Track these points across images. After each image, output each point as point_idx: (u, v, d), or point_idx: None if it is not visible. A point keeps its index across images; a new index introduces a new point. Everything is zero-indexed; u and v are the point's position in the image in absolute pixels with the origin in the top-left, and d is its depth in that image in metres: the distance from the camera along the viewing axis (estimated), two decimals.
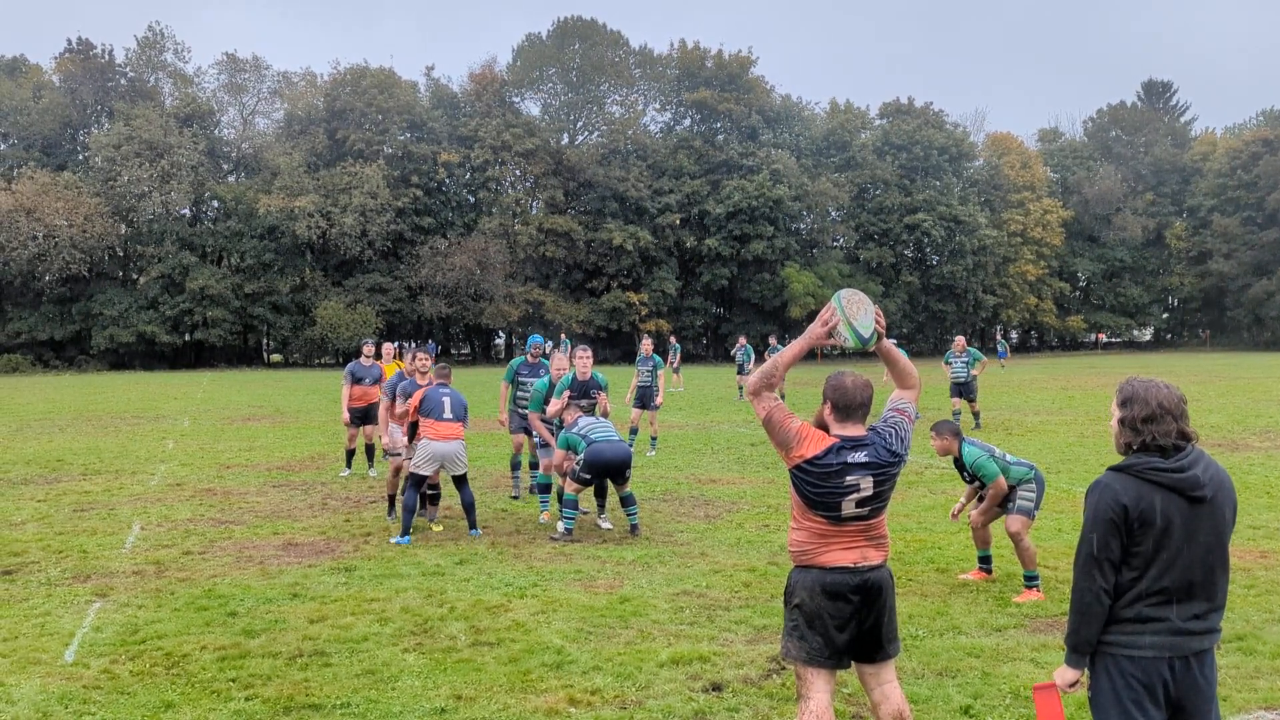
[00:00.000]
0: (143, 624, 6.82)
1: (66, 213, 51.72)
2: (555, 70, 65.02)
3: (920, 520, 10.33)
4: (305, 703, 5.40)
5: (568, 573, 8.23)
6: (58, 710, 5.30)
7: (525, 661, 6.05)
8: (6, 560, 8.78)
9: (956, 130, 70.60)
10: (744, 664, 6.00)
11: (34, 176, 52.50)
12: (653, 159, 63.91)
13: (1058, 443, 16.92)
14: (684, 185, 62.76)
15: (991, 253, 67.61)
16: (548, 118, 65.60)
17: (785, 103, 69.06)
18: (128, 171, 53.61)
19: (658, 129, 68.89)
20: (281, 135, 60.54)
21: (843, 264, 66.01)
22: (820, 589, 4.08)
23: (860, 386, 4.21)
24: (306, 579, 8.04)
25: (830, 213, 67.50)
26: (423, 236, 60.06)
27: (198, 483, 13.33)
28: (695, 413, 23.73)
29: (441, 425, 9.65)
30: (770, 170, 62.02)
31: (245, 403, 28.45)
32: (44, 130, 56.50)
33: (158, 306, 55.31)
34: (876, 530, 4.24)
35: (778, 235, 62.83)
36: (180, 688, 5.63)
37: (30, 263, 51.87)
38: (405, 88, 61.97)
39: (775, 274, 63.14)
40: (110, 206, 54.01)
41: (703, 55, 66.38)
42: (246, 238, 56.93)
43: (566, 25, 65.25)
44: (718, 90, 64.89)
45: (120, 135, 54.33)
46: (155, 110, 56.06)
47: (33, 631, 6.68)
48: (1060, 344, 77.95)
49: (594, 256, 62.33)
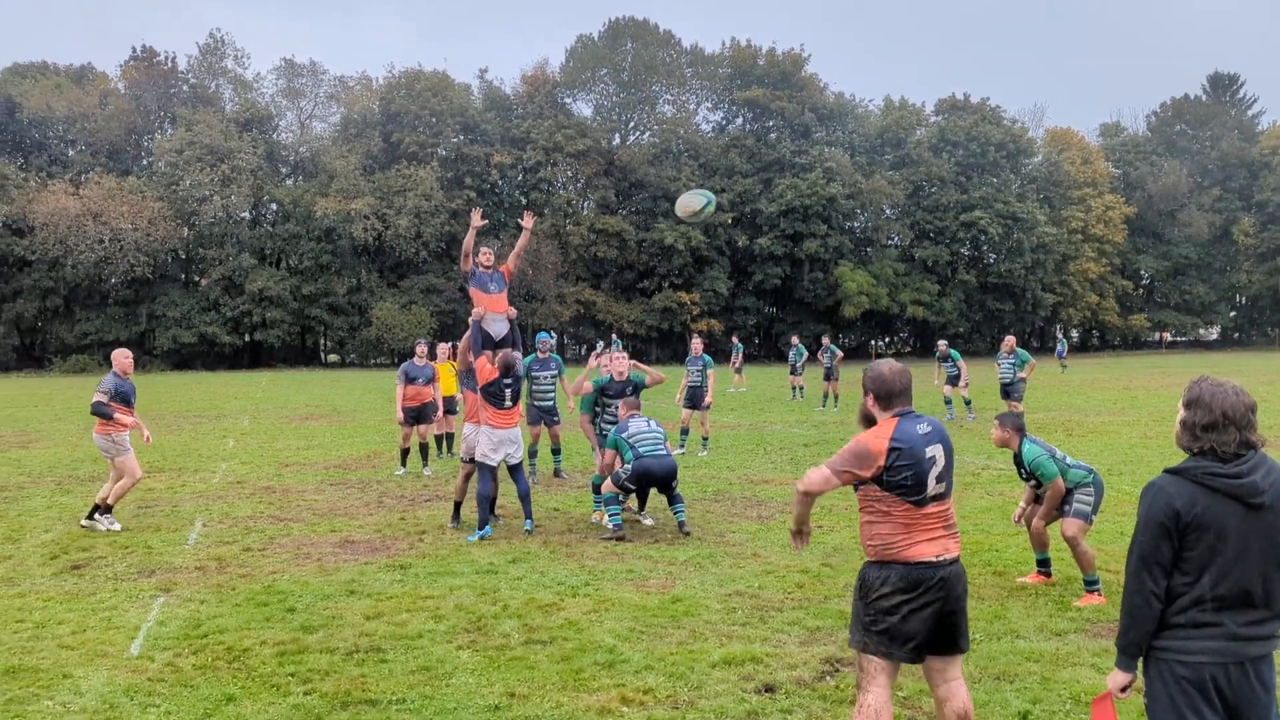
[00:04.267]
0: (205, 619, 6.97)
1: (131, 217, 53.05)
2: (607, 71, 65.19)
3: (977, 522, 10.17)
4: (362, 698, 5.47)
5: (620, 572, 8.24)
6: (124, 702, 5.43)
7: (578, 660, 6.06)
8: (75, 555, 9.03)
9: (1014, 126, 69.41)
10: (797, 665, 5.96)
11: (100, 181, 53.95)
12: (704, 158, 63.78)
13: (1120, 444, 16.55)
14: (736, 184, 62.53)
15: (1051, 250, 66.39)
16: (599, 118, 65.79)
17: (838, 100, 68.50)
18: (190, 176, 54.86)
19: (709, 128, 68.74)
20: (338, 139, 61.50)
21: (897, 262, 65.29)
22: (904, 584, 4.09)
23: (898, 373, 4.30)
24: (363, 576, 8.15)
25: (885, 211, 66.79)
26: (477, 237, 60.47)
27: (257, 480, 13.58)
28: (748, 413, 23.62)
29: (504, 413, 9.82)
30: (823, 168, 61.57)
31: (303, 402, 28.92)
32: (110, 136, 58.01)
33: (219, 308, 56.53)
34: (951, 517, 4.25)
35: (831, 234, 62.35)
36: (241, 681, 5.74)
37: (97, 265, 53.31)
38: (459, 90, 62.59)
39: (829, 273, 62.67)
40: (173, 210, 55.29)
41: (755, 53, 66.11)
42: (304, 240, 57.92)
43: (618, 26, 65.39)
44: (770, 88, 64.57)
45: (182, 140, 55.60)
46: (216, 115, 57.29)
47: (100, 625, 6.86)
48: (1123, 343, 76.29)
49: (645, 256, 62.38)
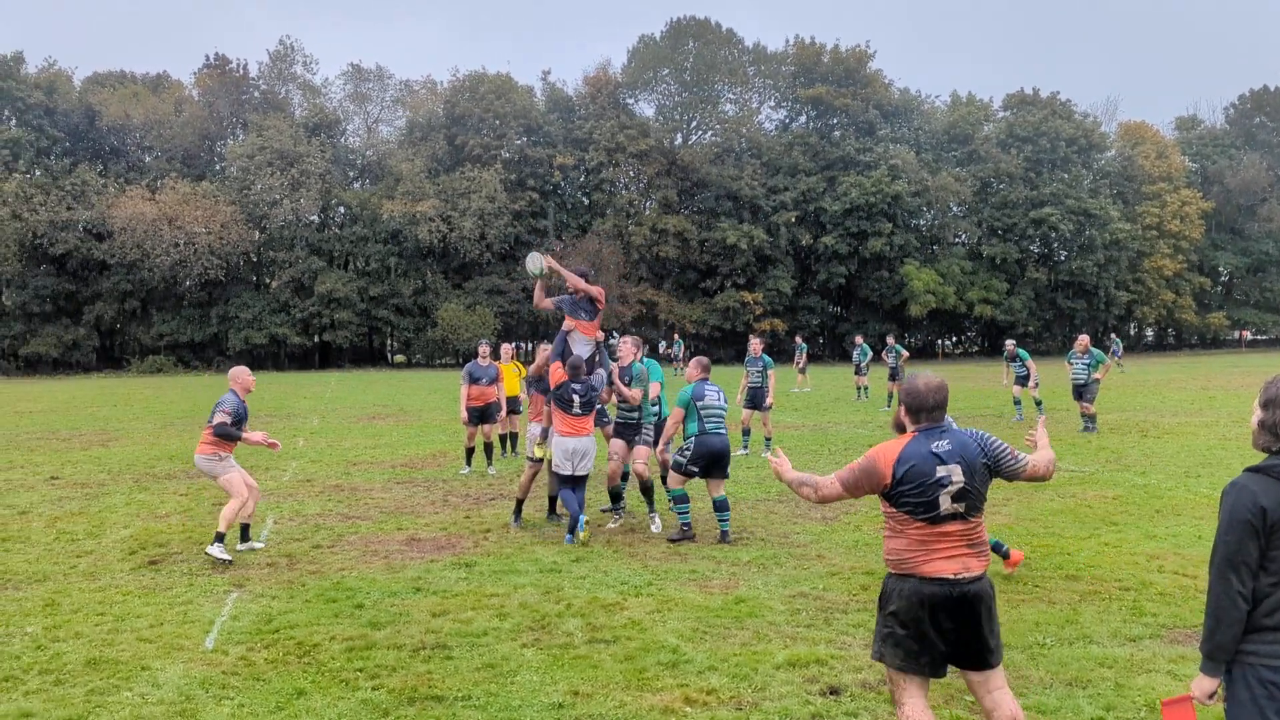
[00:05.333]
0: (276, 614, 7.11)
1: (205, 221, 54.47)
2: (669, 71, 65.18)
3: (1047, 525, 9.95)
4: (428, 694, 5.54)
5: (683, 572, 8.22)
6: (199, 694, 5.56)
7: (641, 660, 6.06)
8: (152, 550, 9.28)
9: (1086, 120, 67.79)
10: (862, 668, 5.88)
11: (176, 187, 55.49)
12: (767, 157, 63.43)
13: (1197, 445, 16.07)
14: (799, 183, 62.07)
15: (1124, 247, 64.74)
16: (661, 118, 65.81)
17: (904, 97, 67.62)
18: (260, 180, 56.15)
19: (772, 126, 68.34)
20: (403, 142, 62.45)
21: (964, 260, 64.23)
22: (917, 599, 4.06)
23: (934, 389, 4.25)
24: (429, 574, 8.25)
25: (951, 208, 65.73)
26: (538, 238, 61.05)
27: (326, 479, 13.83)
28: (812, 413, 23.43)
29: (573, 420, 9.55)
30: (888, 166, 60.84)
31: (370, 402, 29.40)
32: (184, 142, 59.62)
33: (288, 309, 57.78)
34: (977, 535, 4.16)
35: (896, 232, 61.57)
36: (311, 676, 5.84)
37: (172, 269, 54.83)
38: (522, 92, 63.11)
39: (894, 271, 61.90)
40: (245, 214, 56.64)
41: (819, 51, 65.58)
42: (371, 242, 58.91)
43: (680, 25, 65.35)
44: (834, 86, 64.00)
45: (254, 145, 56.93)
46: (286, 121, 58.56)
47: (176, 619, 7.04)
48: (1200, 342, 74.08)
49: (708, 256, 62.23)
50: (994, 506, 10.91)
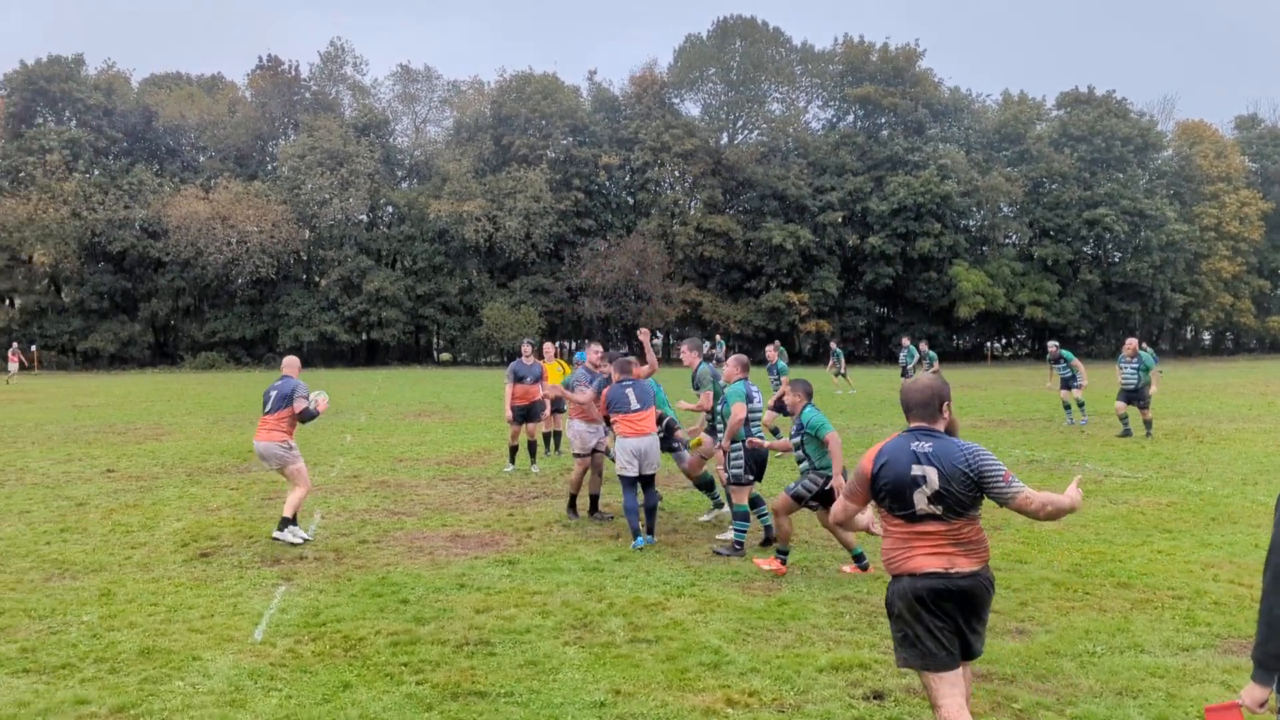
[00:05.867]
0: (323, 607, 7.21)
1: (257, 220, 55.39)
2: (715, 70, 65.05)
3: (1099, 531, 9.78)
4: (471, 689, 5.58)
5: (725, 573, 8.20)
6: (248, 685, 5.66)
7: (683, 660, 6.06)
8: (204, 543, 9.45)
9: (1142, 119, 66.47)
10: (907, 673, 5.82)
11: (229, 186, 56.48)
12: (814, 156, 63.06)
13: (1255, 452, 15.69)
14: (846, 182, 61.64)
15: (1181, 249, 63.42)
16: (707, 118, 65.68)
17: (954, 95, 66.84)
18: (311, 180, 56.96)
19: (819, 126, 67.93)
20: (451, 142, 62.99)
21: (1015, 261, 63.34)
22: (913, 595, 4.15)
23: (916, 389, 4.38)
24: (473, 570, 8.31)
25: (1002, 208, 64.86)
26: (583, 238, 61.27)
27: (373, 475, 13.99)
28: (858, 415, 23.24)
29: (633, 417, 9.36)
30: (938, 165, 60.20)
31: (416, 399, 29.69)
32: (238, 142, 60.66)
33: (337, 307, 58.56)
34: (963, 536, 4.19)
35: (945, 232, 60.89)
36: (357, 669, 5.92)
37: (225, 267, 55.82)
38: (568, 92, 63.35)
39: (943, 272, 61.24)
40: (295, 213, 57.48)
41: (867, 50, 65.07)
42: (418, 241, 59.52)
43: (727, 25, 65.19)
44: (883, 85, 63.46)
45: (304, 145, 57.77)
46: (336, 121, 59.35)
47: (226, 610, 7.16)
48: (1259, 346, 72.34)
49: (753, 256, 62.02)
50: None
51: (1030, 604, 7.25)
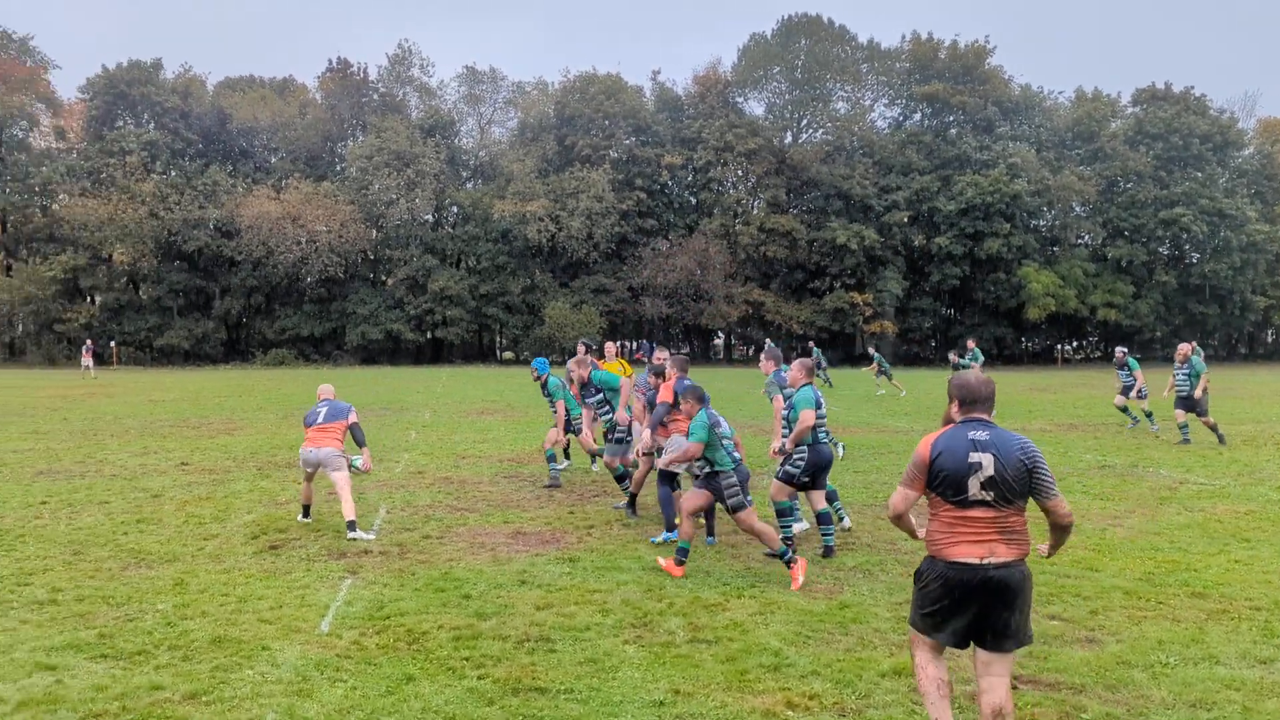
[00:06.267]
0: (387, 601, 7.31)
1: (326, 219, 56.52)
2: (780, 69, 64.68)
3: (1173, 539, 9.50)
4: (531, 685, 5.62)
5: (786, 576, 8.13)
6: (315, 675, 5.76)
7: (743, 661, 6.03)
8: (274, 536, 9.66)
9: (1222, 116, 64.51)
10: (971, 680, 5.71)
11: (299, 186, 57.71)
12: (879, 155, 62.36)
13: None
14: (912, 182, 60.85)
15: (1263, 250, 61.45)
16: (771, 117, 65.32)
17: (1025, 93, 65.57)
18: (378, 180, 57.92)
19: (885, 124, 67.19)
20: (515, 143, 63.55)
21: (1087, 262, 61.94)
22: (942, 581, 4.41)
23: (983, 382, 4.66)
24: (533, 567, 8.37)
25: (1074, 208, 63.47)
26: (645, 238, 61.36)
27: (437, 471, 14.16)
28: (920, 418, 22.92)
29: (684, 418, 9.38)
30: (1007, 164, 59.13)
31: (479, 397, 30.00)
32: (308, 144, 61.93)
33: (403, 306, 59.46)
34: (1009, 525, 4.40)
35: (1015, 232, 59.78)
36: (420, 663, 5.99)
37: (295, 266, 57.04)
38: (631, 92, 63.49)
39: (1011, 273, 60.14)
40: (363, 213, 58.52)
41: (935, 47, 64.18)
42: (482, 241, 60.15)
43: (791, 23, 64.77)
44: (951, 83, 62.55)
45: (372, 147, 58.76)
46: (403, 122, 60.28)
47: (294, 602, 7.31)
48: None
49: (816, 256, 61.54)
50: (1115, 519, 10.49)
51: (1101, 612, 7.08)
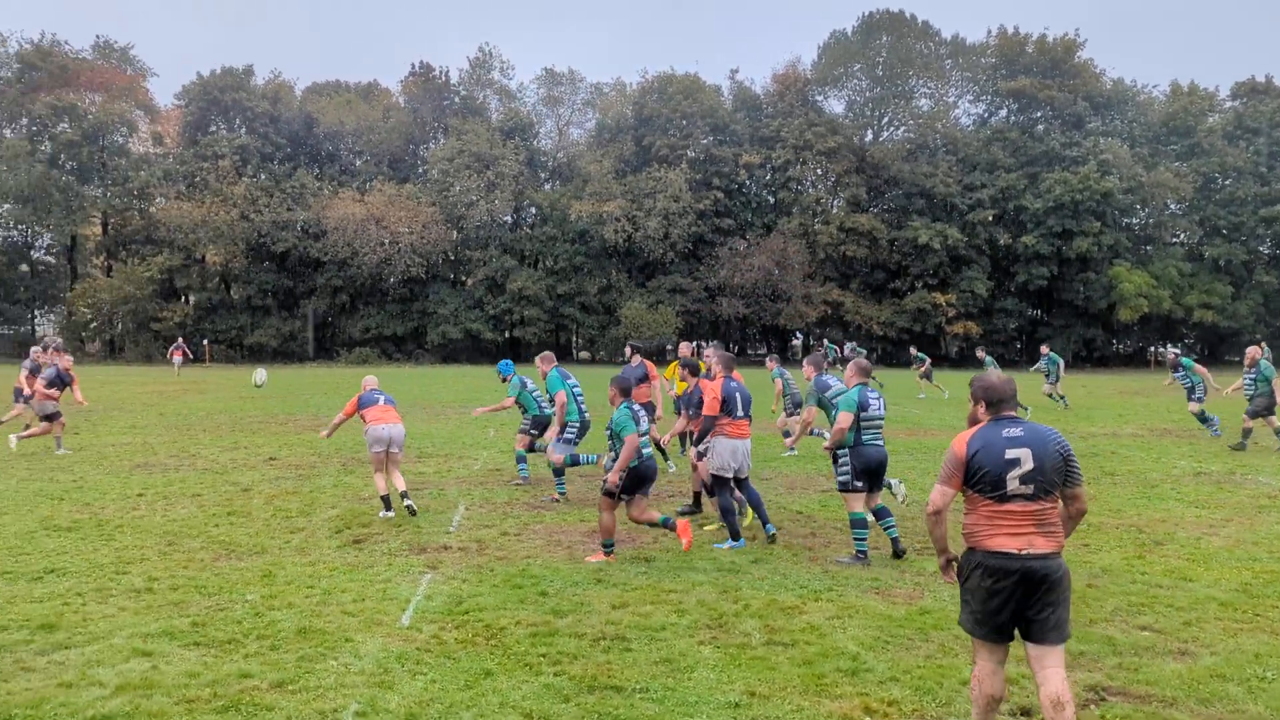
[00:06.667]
0: (466, 596, 7.42)
1: (408, 221, 57.62)
2: (860, 66, 63.89)
3: (1271, 549, 9.13)
4: (607, 683, 5.64)
5: (864, 580, 8.03)
6: (395, 668, 5.88)
7: (819, 665, 5.96)
8: (356, 530, 9.88)
9: None
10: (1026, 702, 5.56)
11: (382, 189, 58.95)
12: (963, 153, 61.17)
13: None
14: (998, 179, 59.54)
15: None
16: (851, 115, 64.55)
17: (1117, 87, 63.66)
18: (459, 182, 58.83)
19: (970, 121, 65.90)
20: (592, 143, 63.93)
21: (1183, 262, 59.86)
22: (983, 570, 4.55)
23: (1005, 381, 4.80)
24: (609, 566, 8.40)
25: (1169, 206, 61.38)
26: (722, 238, 61.14)
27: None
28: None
29: (737, 423, 9.40)
30: (1098, 161, 57.46)
31: None
32: (391, 146, 63.21)
33: (482, 306, 60.30)
34: (1046, 517, 4.54)
35: (1105, 231, 58.08)
36: (497, 658, 6.07)
37: (378, 266, 58.27)
38: (709, 92, 63.36)
39: (1101, 273, 58.45)
40: (444, 214, 59.49)
41: (1023, 41, 62.72)
42: (560, 242, 60.65)
43: (873, 19, 63.92)
44: (1039, 78, 61.04)
45: (453, 149, 59.71)
46: (483, 125, 61.12)
47: (376, 595, 7.46)
48: None
49: (897, 256, 60.64)
50: (1212, 528, 10.12)
51: (1195, 624, 6.83)
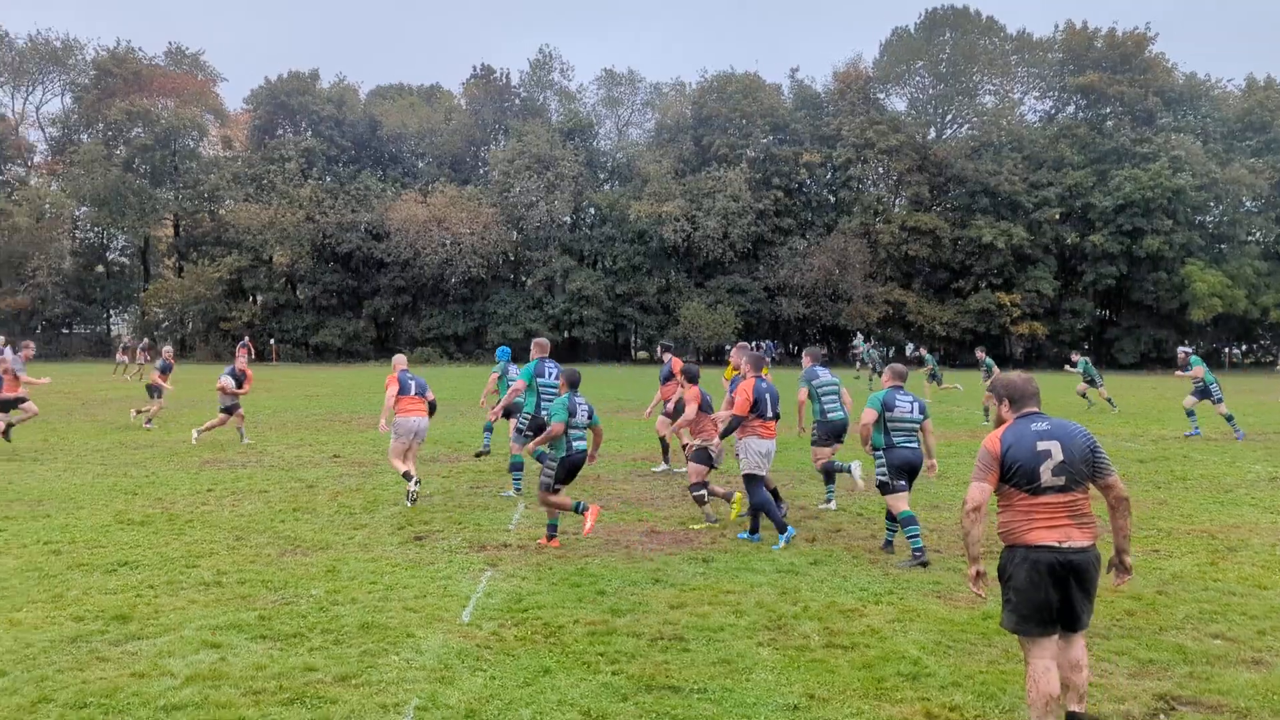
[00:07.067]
0: (525, 594, 7.48)
1: (469, 222, 58.23)
2: (923, 63, 63.08)
3: None
4: (665, 683, 5.64)
5: (925, 583, 7.93)
6: (456, 664, 5.95)
7: (880, 669, 5.90)
8: (418, 527, 10.02)
9: None
10: (1124, 699, 5.45)
11: (444, 190, 59.64)
12: (1029, 150, 60.03)
13: None
14: (1065, 177, 58.33)
15: None
16: (914, 112, 63.74)
17: (1189, 81, 61.97)
18: (519, 183, 59.31)
19: (1036, 118, 64.68)
20: (652, 144, 63.98)
21: (1258, 260, 58.03)
22: (1029, 565, 4.63)
23: (1027, 380, 4.99)
24: (667, 566, 8.41)
25: (1244, 203, 59.59)
26: (782, 238, 60.77)
27: None
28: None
29: (768, 424, 9.62)
30: (1169, 157, 55.98)
31: (613, 396, 30.31)
32: (452, 149, 63.94)
33: (542, 306, 60.70)
34: (1079, 508, 4.68)
35: (1177, 229, 56.57)
36: (556, 656, 6.11)
37: (440, 267, 58.98)
38: (769, 91, 63.04)
39: (1173, 272, 56.93)
40: (504, 216, 60.02)
41: (1091, 36, 61.40)
42: (618, 242, 60.81)
43: (936, 15, 63.05)
44: (1108, 72, 59.69)
45: (513, 150, 60.21)
46: (543, 126, 61.53)
47: (437, 592, 7.56)
48: None
49: (961, 255, 59.73)
50: None
51: (1269, 633, 6.63)
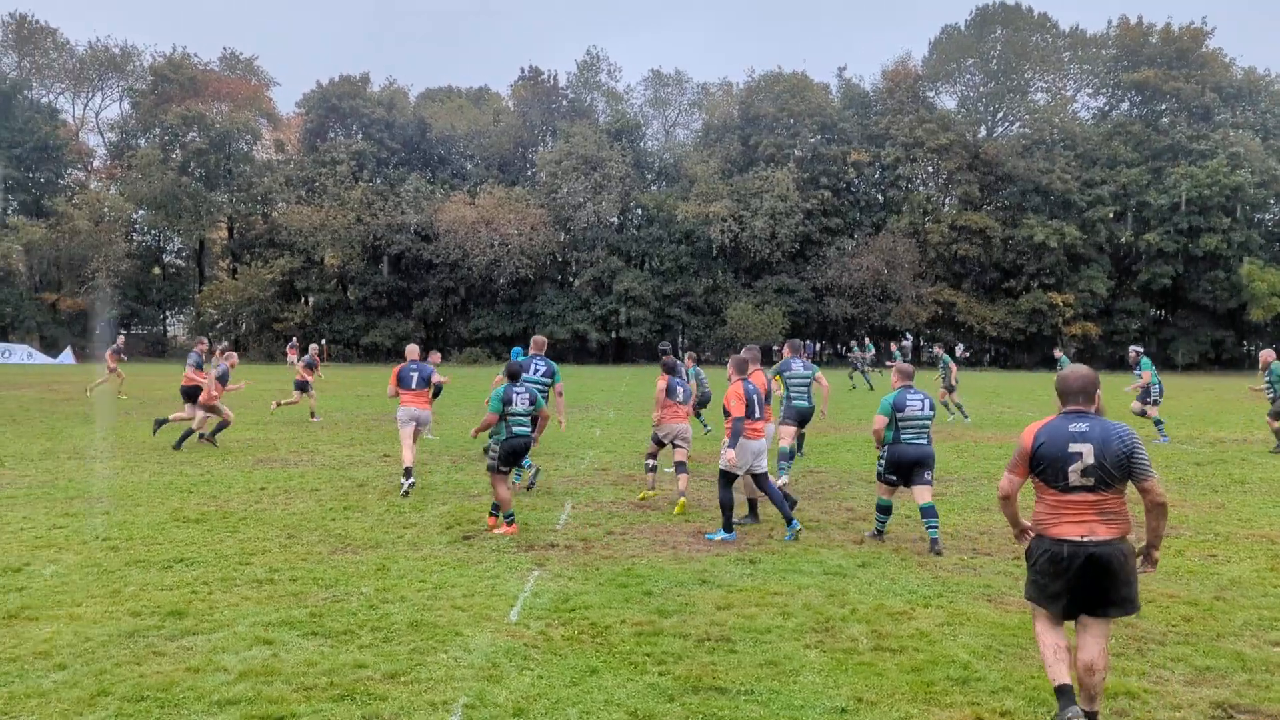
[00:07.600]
0: (572, 594, 7.52)
1: (517, 223, 58.63)
2: (974, 61, 62.32)
3: None
4: (712, 685, 5.64)
5: (975, 586, 7.85)
6: (504, 663, 6.00)
7: (929, 672, 5.85)
8: (466, 526, 10.10)
9: None
10: (1181, 706, 5.35)
11: (492, 192, 60.11)
12: (1082, 148, 59.04)
13: None
14: (1119, 175, 57.29)
15: None
16: (964, 110, 63.00)
17: (1249, 76, 60.54)
18: (566, 184, 59.58)
19: (1089, 115, 63.59)
20: (699, 144, 63.92)
21: None
22: (1049, 556, 4.91)
23: (1077, 376, 5.03)
24: (714, 567, 8.40)
25: None
26: (830, 237, 60.39)
27: (620, 469, 14.43)
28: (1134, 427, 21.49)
29: (755, 424, 9.70)
30: (1228, 154, 54.76)
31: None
32: (501, 150, 64.40)
33: (589, 307, 60.91)
34: (1107, 506, 4.88)
35: (1236, 228, 55.31)
36: (603, 656, 6.13)
37: (488, 268, 59.44)
38: (817, 90, 62.68)
39: (1232, 272, 55.66)
40: (552, 216, 60.34)
41: (1146, 31, 60.22)
42: (665, 243, 60.82)
43: (987, 12, 62.27)
44: (1163, 68, 58.51)
45: (561, 151, 60.50)
46: (590, 127, 61.75)
47: (485, 591, 7.62)
48: None
49: (1012, 254, 58.92)
50: None
51: None
